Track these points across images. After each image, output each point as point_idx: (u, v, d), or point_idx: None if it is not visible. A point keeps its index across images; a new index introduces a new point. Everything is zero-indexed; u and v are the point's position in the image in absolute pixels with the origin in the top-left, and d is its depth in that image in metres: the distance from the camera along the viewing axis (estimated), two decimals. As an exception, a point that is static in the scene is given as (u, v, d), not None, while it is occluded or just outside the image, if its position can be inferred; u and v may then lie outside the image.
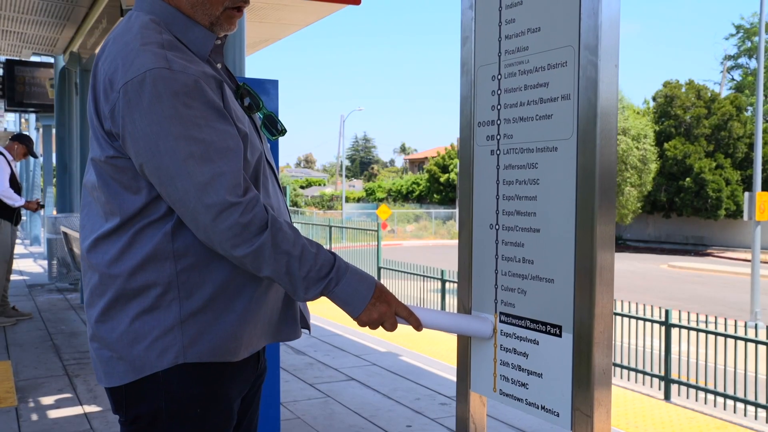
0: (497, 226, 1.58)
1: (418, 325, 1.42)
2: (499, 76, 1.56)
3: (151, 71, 1.23)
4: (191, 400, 1.33)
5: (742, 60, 39.23)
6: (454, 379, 1.74)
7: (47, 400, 4.11)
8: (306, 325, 1.56)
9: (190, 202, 1.23)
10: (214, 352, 1.33)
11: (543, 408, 1.45)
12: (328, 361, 5.20)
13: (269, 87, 3.14)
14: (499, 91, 1.57)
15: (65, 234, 6.60)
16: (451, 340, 6.54)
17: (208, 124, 1.25)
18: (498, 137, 1.57)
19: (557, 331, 1.41)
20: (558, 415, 1.41)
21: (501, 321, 1.57)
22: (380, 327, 1.40)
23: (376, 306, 1.36)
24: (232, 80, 1.54)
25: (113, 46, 1.32)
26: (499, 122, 1.57)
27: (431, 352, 5.89)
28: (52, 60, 9.67)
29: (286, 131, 1.62)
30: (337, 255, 1.34)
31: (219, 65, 1.49)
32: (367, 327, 1.38)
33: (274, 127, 1.57)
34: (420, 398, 4.28)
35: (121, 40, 1.31)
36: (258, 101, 1.54)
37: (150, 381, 1.31)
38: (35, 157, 6.82)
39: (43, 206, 6.94)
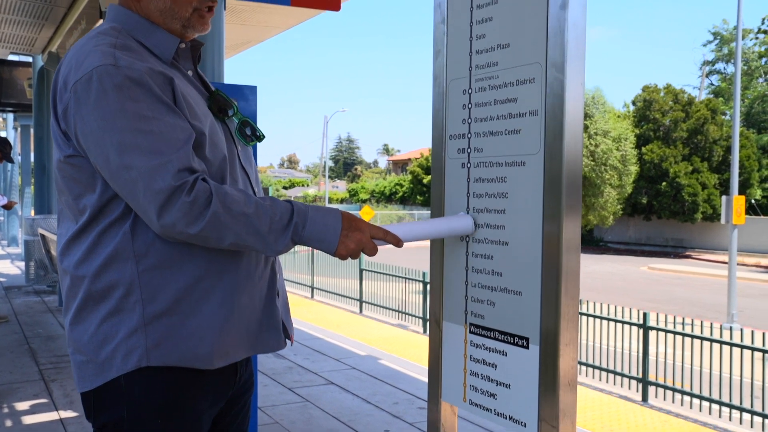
0: (467, 239, 1.60)
1: (397, 242, 1.40)
2: (470, 91, 1.59)
3: (97, 68, 1.27)
4: (153, 410, 1.32)
5: (719, 65, 39.80)
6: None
7: (22, 406, 4.07)
8: (288, 335, 1.55)
9: (139, 193, 1.25)
10: (181, 357, 1.32)
11: (511, 418, 1.48)
12: (307, 365, 5.20)
13: (248, 93, 3.15)
14: (469, 105, 1.59)
15: (42, 236, 6.54)
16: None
17: (155, 116, 1.27)
18: (469, 150, 1.59)
19: (524, 343, 1.44)
20: (525, 426, 1.44)
21: (471, 332, 1.59)
22: (362, 253, 1.36)
23: (349, 236, 1.35)
24: (206, 87, 1.55)
25: (71, 51, 1.38)
26: (469, 136, 1.59)
27: (411, 355, 5.91)
28: (30, 59, 9.56)
29: (263, 137, 1.62)
30: (293, 200, 1.35)
31: (189, 72, 1.50)
32: (350, 257, 1.35)
33: (252, 133, 1.57)
34: (398, 402, 4.30)
35: (79, 44, 1.37)
36: (233, 106, 1.54)
37: (114, 387, 1.31)
38: (11, 161, 6.75)
39: (16, 202, 6.93)
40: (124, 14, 1.43)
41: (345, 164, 79.49)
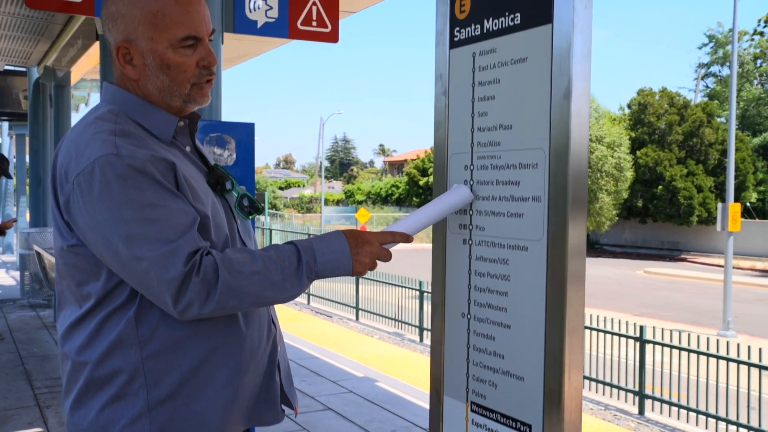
0: (469, 316, 1.58)
1: (406, 239, 1.42)
2: (472, 167, 1.57)
3: (99, 159, 1.25)
4: None
5: (714, 68, 39.83)
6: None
7: (17, 436, 4.05)
8: (289, 403, 1.54)
9: (152, 282, 1.24)
10: None
11: (513, 504, 1.46)
12: (304, 388, 5.19)
13: (245, 130, 3.14)
14: (471, 182, 1.57)
15: (38, 254, 6.50)
16: (428, 364, 6.53)
17: (160, 203, 1.26)
18: (470, 227, 1.57)
19: (527, 430, 1.43)
20: None
21: (472, 410, 1.58)
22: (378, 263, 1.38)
23: (360, 252, 1.35)
24: (204, 162, 1.54)
25: (69, 136, 1.36)
26: (471, 213, 1.57)
27: (409, 377, 5.90)
28: (25, 69, 9.51)
29: (262, 209, 1.62)
30: (293, 241, 1.35)
31: (188, 148, 1.49)
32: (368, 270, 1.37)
33: (251, 206, 1.57)
34: (396, 430, 4.29)
35: (77, 130, 1.35)
36: (231, 181, 1.54)
37: None
38: (9, 177, 6.71)
39: (15, 220, 6.87)
40: (121, 95, 1.41)
41: (341, 164, 79.42)
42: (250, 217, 1.57)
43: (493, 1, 1.50)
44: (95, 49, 5.76)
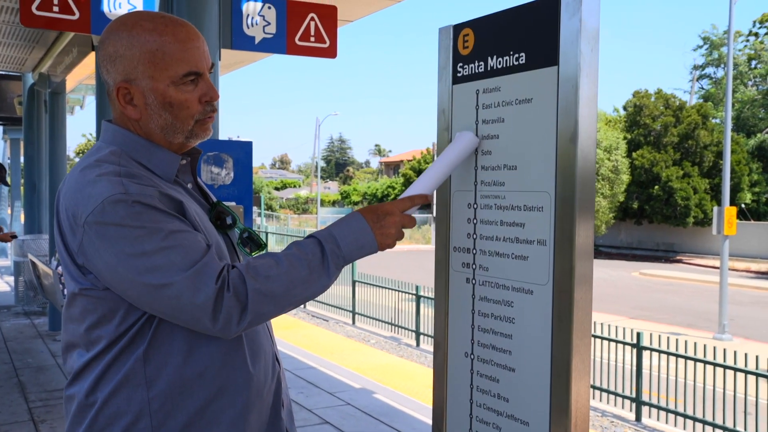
0: (472, 356, 1.56)
1: (425, 199, 1.41)
2: (476, 206, 1.55)
3: (108, 199, 1.24)
4: None
5: (709, 70, 39.87)
6: (429, 421, 1.73)
7: (11, 453, 4.01)
8: None
9: (185, 306, 1.22)
10: None
11: None
12: (301, 400, 5.16)
13: (242, 149, 3.12)
14: (475, 221, 1.55)
15: (33, 263, 6.46)
16: (425, 375, 6.54)
17: (178, 229, 1.26)
18: (474, 266, 1.55)
19: (532, 476, 1.41)
20: None
21: (476, 452, 1.56)
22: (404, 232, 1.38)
23: (382, 226, 1.34)
24: (206, 198, 1.52)
25: (71, 179, 1.34)
26: (474, 252, 1.55)
27: (406, 388, 5.88)
28: (20, 74, 9.44)
29: (265, 246, 1.61)
30: (312, 233, 1.34)
31: (189, 185, 1.48)
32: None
33: (252, 242, 1.55)
34: (394, 445, 4.28)
35: (80, 171, 1.33)
36: (234, 217, 1.52)
37: None
38: (7, 185, 6.67)
39: (15, 236, 6.80)
40: (122, 135, 1.39)
41: (337, 164, 79.38)
42: (253, 253, 1.56)
43: (497, 39, 1.48)
44: (90, 58, 5.72)
